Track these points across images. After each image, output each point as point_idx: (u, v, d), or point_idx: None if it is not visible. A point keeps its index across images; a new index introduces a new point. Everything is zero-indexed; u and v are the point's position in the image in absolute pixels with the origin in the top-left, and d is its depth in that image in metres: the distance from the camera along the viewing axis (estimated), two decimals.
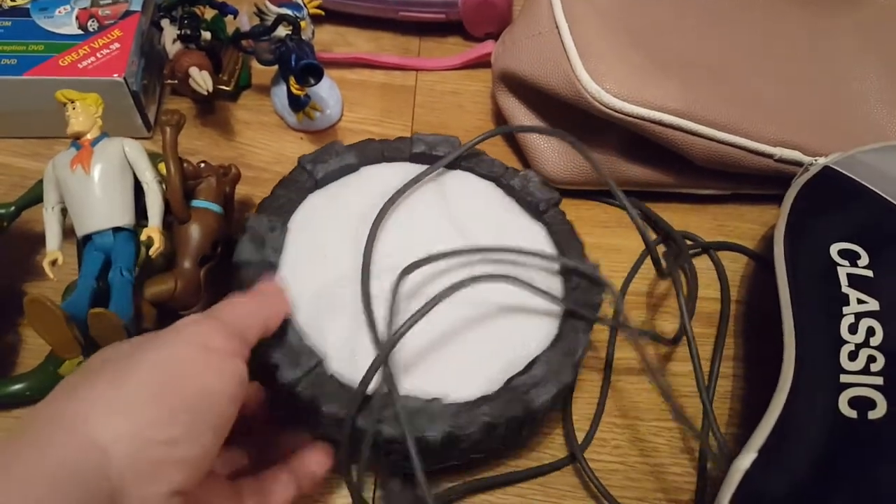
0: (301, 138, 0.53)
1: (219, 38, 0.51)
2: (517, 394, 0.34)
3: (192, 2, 0.49)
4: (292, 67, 0.46)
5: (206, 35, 0.49)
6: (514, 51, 0.48)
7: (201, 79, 0.47)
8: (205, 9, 0.50)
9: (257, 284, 0.34)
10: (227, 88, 0.52)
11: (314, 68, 0.46)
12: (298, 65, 0.46)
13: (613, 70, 0.44)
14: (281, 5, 0.48)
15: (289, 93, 0.49)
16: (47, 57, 0.47)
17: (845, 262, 0.38)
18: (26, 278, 0.41)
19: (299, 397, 0.33)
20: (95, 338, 0.35)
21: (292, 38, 0.48)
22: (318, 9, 0.50)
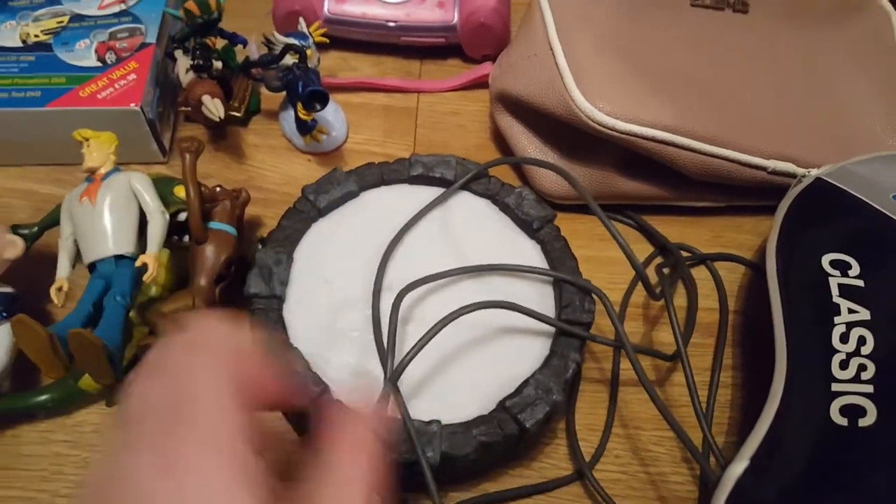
0: (308, 160, 0.54)
1: (229, 67, 0.52)
2: (511, 414, 0.35)
3: (204, 33, 0.50)
4: (299, 94, 0.48)
5: (217, 64, 0.50)
6: (511, 72, 0.49)
7: (213, 106, 0.48)
8: (216, 39, 0.51)
9: None
10: (238, 114, 0.54)
11: (320, 94, 0.48)
12: (305, 91, 0.47)
13: (606, 89, 0.45)
14: (288, 35, 0.49)
15: (296, 118, 0.50)
16: (69, 89, 0.49)
17: (836, 273, 0.38)
18: (46, 298, 0.43)
19: None
20: (76, 358, 0.35)
21: (299, 66, 0.49)
22: (322, 37, 0.51)
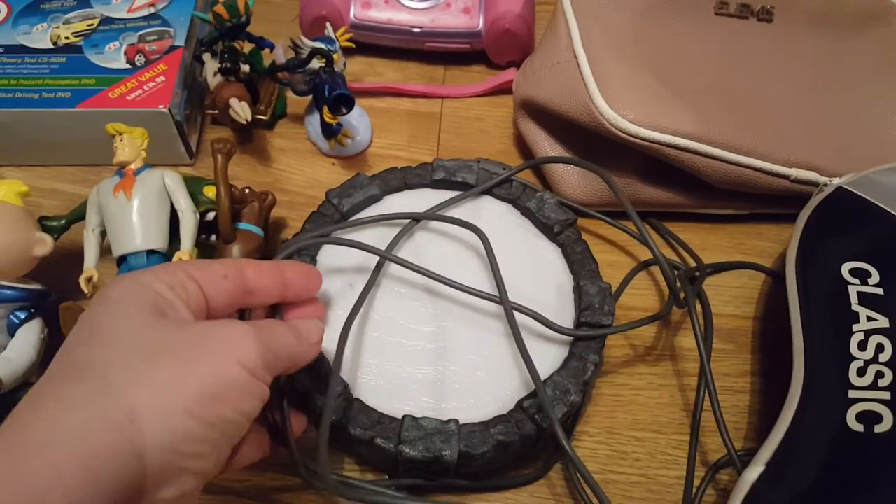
0: (333, 163, 0.55)
1: (256, 70, 0.53)
2: (528, 414, 0.36)
3: (232, 37, 0.51)
4: (325, 97, 0.48)
5: (244, 68, 0.51)
6: (535, 80, 0.49)
7: (241, 109, 0.49)
8: (244, 43, 0.52)
9: (299, 313, 0.34)
10: (264, 118, 0.54)
11: (346, 98, 0.48)
12: (331, 95, 0.48)
13: (629, 97, 0.45)
14: (315, 39, 0.50)
15: (322, 121, 0.51)
16: (98, 90, 0.50)
17: (856, 281, 0.38)
18: (74, 290, 0.44)
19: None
20: None
21: (325, 70, 0.50)
22: (348, 42, 0.52)
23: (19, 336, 0.39)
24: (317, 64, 0.50)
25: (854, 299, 0.37)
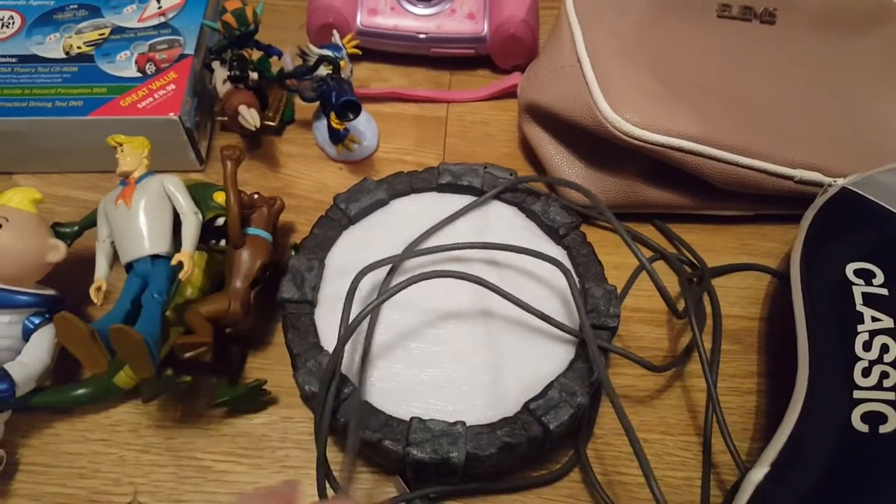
0: (340, 168, 0.55)
1: (265, 77, 0.53)
2: (535, 416, 0.36)
3: (241, 45, 0.51)
4: (333, 104, 0.49)
5: (253, 75, 0.51)
6: (539, 84, 0.50)
7: (250, 116, 0.49)
8: (252, 51, 0.53)
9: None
10: (273, 124, 0.55)
11: (353, 104, 0.49)
12: (338, 101, 0.48)
13: (633, 101, 0.45)
14: (322, 46, 0.51)
15: (329, 127, 0.51)
16: (109, 98, 0.50)
17: (860, 281, 0.38)
18: (87, 296, 0.44)
19: (337, 422, 0.36)
20: (118, 352, 0.35)
21: (332, 76, 0.50)
22: (355, 48, 0.52)
23: (34, 341, 0.40)
24: (324, 71, 0.50)
25: (859, 300, 0.37)
